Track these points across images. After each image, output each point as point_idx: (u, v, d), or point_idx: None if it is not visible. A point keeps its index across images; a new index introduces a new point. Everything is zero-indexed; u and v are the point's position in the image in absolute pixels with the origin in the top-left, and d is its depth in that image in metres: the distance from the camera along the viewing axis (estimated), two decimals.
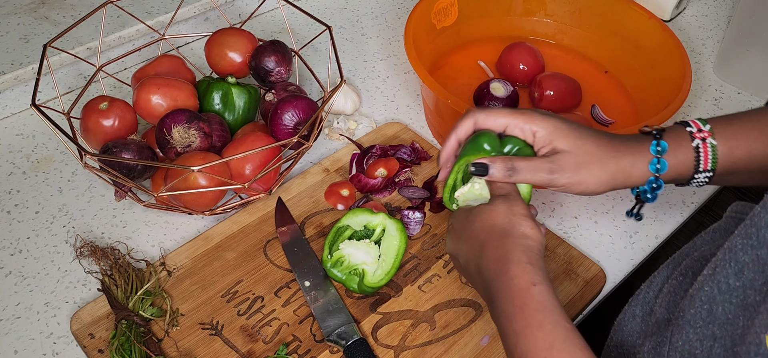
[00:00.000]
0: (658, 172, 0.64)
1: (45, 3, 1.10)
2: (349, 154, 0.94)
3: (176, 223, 0.86)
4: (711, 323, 0.54)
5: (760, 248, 0.52)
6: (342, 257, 0.78)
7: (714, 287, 0.54)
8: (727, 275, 0.53)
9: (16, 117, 1.00)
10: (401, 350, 0.73)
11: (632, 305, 0.70)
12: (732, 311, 0.52)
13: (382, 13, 1.27)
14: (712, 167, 0.64)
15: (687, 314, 0.56)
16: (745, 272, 0.52)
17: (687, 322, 0.56)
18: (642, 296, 0.70)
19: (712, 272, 0.55)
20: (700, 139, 0.64)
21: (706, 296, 0.55)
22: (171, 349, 0.72)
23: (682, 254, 0.70)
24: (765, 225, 0.52)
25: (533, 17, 1.16)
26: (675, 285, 0.65)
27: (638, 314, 0.69)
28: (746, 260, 0.52)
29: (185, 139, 0.82)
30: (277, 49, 0.93)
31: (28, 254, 0.82)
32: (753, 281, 0.52)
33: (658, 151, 0.64)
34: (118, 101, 0.86)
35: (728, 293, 0.53)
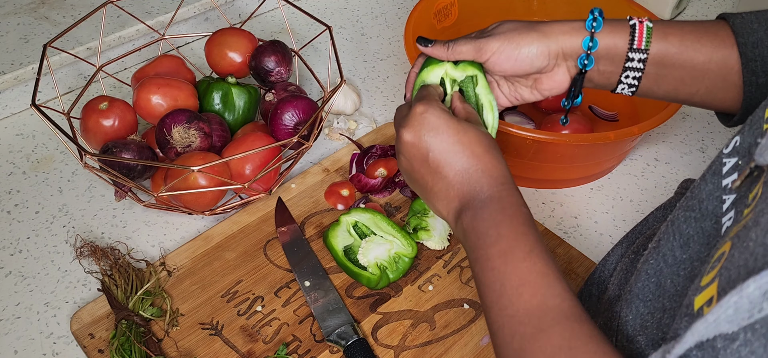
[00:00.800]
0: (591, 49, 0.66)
1: (45, 3, 1.10)
2: (349, 154, 0.94)
3: (176, 223, 0.86)
4: (660, 296, 0.54)
5: (703, 220, 0.52)
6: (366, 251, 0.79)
7: (659, 260, 0.55)
8: (673, 247, 0.54)
9: (16, 117, 1.00)
10: (401, 350, 0.73)
11: (588, 284, 0.71)
12: (680, 283, 0.53)
13: (382, 13, 1.27)
14: (645, 46, 0.65)
15: (634, 288, 0.57)
16: (690, 244, 0.53)
17: (635, 295, 0.56)
18: (597, 275, 0.70)
19: (657, 246, 0.56)
20: (637, 20, 0.66)
21: (653, 269, 0.55)
22: (171, 349, 0.72)
23: (635, 232, 0.71)
24: (706, 196, 0.52)
25: (533, 17, 1.16)
26: (627, 263, 0.65)
27: (594, 293, 0.70)
28: (691, 233, 0.53)
29: (185, 139, 0.82)
30: (277, 49, 0.93)
31: (28, 254, 0.82)
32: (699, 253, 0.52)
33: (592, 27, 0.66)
34: (118, 101, 0.86)
35: (675, 266, 0.54)
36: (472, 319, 0.76)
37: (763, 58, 0.62)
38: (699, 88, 0.66)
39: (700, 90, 0.66)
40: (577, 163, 0.92)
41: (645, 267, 0.56)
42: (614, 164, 0.98)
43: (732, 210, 0.49)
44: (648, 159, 1.01)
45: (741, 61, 0.63)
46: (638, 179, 0.98)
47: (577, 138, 0.87)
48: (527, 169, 0.92)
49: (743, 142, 0.51)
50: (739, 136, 0.52)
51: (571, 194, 0.95)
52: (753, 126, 0.51)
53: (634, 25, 0.66)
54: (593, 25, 0.66)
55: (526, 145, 0.87)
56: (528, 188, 0.95)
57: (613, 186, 0.97)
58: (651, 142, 1.04)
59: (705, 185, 0.53)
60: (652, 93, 0.69)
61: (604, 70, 0.68)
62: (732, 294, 0.37)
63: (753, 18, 0.63)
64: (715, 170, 0.53)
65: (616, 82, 0.68)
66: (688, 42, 0.65)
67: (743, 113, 0.65)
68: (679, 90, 0.68)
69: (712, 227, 0.52)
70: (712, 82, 0.65)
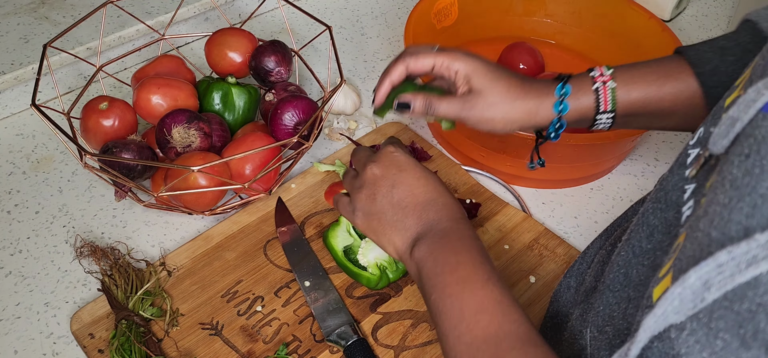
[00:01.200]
0: (561, 113, 0.70)
1: (45, 3, 1.10)
2: (348, 155, 0.94)
3: (176, 223, 0.86)
4: (627, 285, 0.55)
5: (667, 210, 0.53)
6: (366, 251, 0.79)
7: (629, 252, 0.56)
8: (640, 238, 0.56)
9: (16, 117, 1.00)
10: (401, 350, 0.73)
11: (567, 276, 0.73)
12: (644, 273, 0.54)
13: (382, 13, 1.27)
14: (612, 108, 0.69)
15: (607, 279, 0.58)
16: (654, 234, 0.54)
17: (607, 286, 0.58)
18: (576, 267, 0.72)
19: (628, 237, 0.57)
20: (601, 82, 0.69)
21: (623, 261, 0.57)
22: (171, 349, 0.72)
23: (614, 225, 0.72)
24: (672, 187, 0.53)
25: (533, 17, 1.16)
26: (604, 255, 0.67)
27: (573, 285, 0.72)
28: (656, 223, 0.54)
29: (185, 139, 0.82)
30: (277, 49, 0.93)
31: (28, 254, 0.82)
32: (661, 243, 0.53)
33: (562, 94, 0.69)
34: (118, 101, 0.86)
35: (641, 256, 0.55)
36: None
37: (723, 84, 0.64)
38: (668, 122, 0.71)
39: (671, 123, 0.71)
40: (576, 163, 0.92)
41: (617, 258, 0.58)
42: (614, 164, 0.98)
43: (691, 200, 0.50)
44: (648, 159, 1.01)
45: (703, 90, 0.66)
46: (638, 179, 0.98)
47: (577, 138, 0.87)
48: (527, 170, 0.92)
49: (705, 133, 0.52)
50: (703, 127, 0.53)
51: (571, 193, 0.95)
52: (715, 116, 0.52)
53: (597, 89, 0.69)
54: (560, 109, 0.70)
55: (526, 146, 0.87)
56: (528, 188, 0.95)
57: (613, 186, 0.97)
58: (651, 143, 1.04)
59: (671, 177, 0.54)
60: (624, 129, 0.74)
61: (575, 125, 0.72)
62: (676, 285, 0.38)
63: (706, 48, 0.67)
64: (681, 161, 0.54)
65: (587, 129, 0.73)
66: (652, 90, 0.68)
67: None
68: (651, 125, 0.73)
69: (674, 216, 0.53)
70: (681, 115, 0.69)
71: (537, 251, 0.84)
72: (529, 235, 0.86)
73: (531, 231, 0.87)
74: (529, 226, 0.87)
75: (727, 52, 0.65)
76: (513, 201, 0.93)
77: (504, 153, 0.91)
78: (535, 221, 0.88)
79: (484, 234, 0.86)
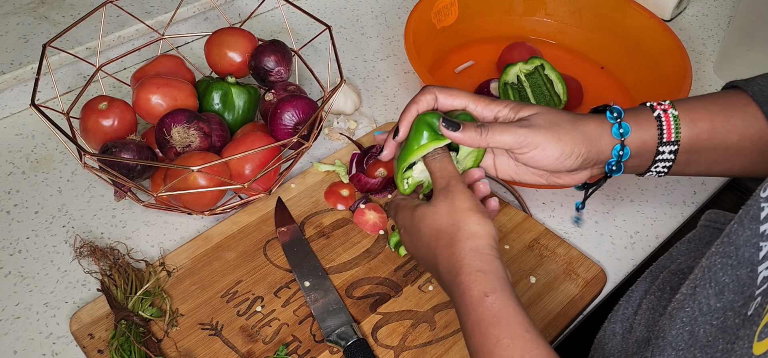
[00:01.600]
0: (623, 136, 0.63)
1: (44, 3, 1.10)
2: (349, 154, 0.94)
3: (176, 223, 0.86)
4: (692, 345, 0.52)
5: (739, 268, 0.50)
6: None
7: (695, 308, 0.53)
8: (708, 295, 0.52)
9: (15, 117, 1.00)
10: (401, 350, 0.73)
11: (612, 322, 0.68)
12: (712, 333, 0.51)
13: (382, 13, 1.27)
14: (675, 138, 0.62)
15: (668, 335, 0.54)
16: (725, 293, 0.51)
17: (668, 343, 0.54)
18: (621, 312, 0.68)
19: (693, 292, 0.54)
20: (662, 110, 0.63)
21: (688, 317, 0.53)
22: (170, 349, 0.72)
23: (659, 266, 0.68)
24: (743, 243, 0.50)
25: (533, 17, 1.16)
26: (654, 301, 0.63)
27: (618, 332, 0.67)
28: (727, 281, 0.51)
29: (185, 139, 0.82)
30: (276, 48, 0.93)
31: (27, 254, 0.82)
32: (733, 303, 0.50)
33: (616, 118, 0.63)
34: (118, 101, 0.86)
35: (709, 315, 0.52)
36: None
37: None
38: (734, 164, 0.64)
39: (736, 165, 0.64)
40: None
41: (680, 314, 0.54)
42: None
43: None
44: None
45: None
46: (638, 179, 0.98)
47: None
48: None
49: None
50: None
51: (571, 194, 0.95)
52: None
53: (659, 116, 0.63)
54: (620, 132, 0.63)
55: None
56: (528, 188, 0.95)
57: (613, 186, 0.97)
58: None
59: (742, 231, 0.51)
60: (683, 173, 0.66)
61: (633, 165, 0.65)
62: None
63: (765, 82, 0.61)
64: (753, 215, 0.50)
65: (645, 171, 0.66)
66: (718, 123, 0.62)
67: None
68: (712, 169, 0.65)
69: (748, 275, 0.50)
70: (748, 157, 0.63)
71: (537, 252, 0.84)
72: (529, 235, 0.86)
73: (531, 231, 0.86)
74: (530, 226, 0.87)
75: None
76: (513, 201, 0.93)
77: None
78: (536, 221, 0.88)
79: None
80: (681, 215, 0.93)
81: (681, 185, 0.97)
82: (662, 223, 0.92)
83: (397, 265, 0.81)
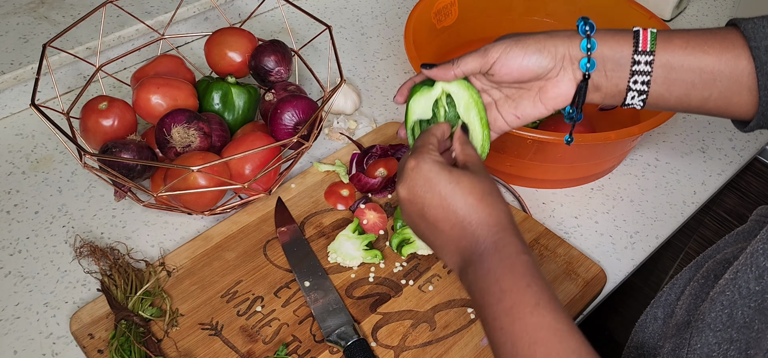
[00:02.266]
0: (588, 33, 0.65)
1: (44, 3, 1.10)
2: (349, 154, 0.94)
3: (176, 223, 0.86)
4: (730, 326, 0.54)
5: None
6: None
7: (735, 292, 0.54)
8: (748, 279, 0.54)
9: (15, 117, 1.00)
10: (401, 350, 0.73)
11: (654, 306, 0.70)
12: (749, 315, 0.53)
13: (382, 13, 1.27)
14: (651, 48, 0.64)
15: (707, 317, 0.56)
16: (764, 276, 0.52)
17: (707, 325, 0.56)
18: (664, 298, 0.70)
19: (734, 277, 0.55)
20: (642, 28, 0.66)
21: (728, 300, 0.55)
22: (170, 349, 0.72)
23: (705, 256, 0.70)
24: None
25: (533, 17, 1.16)
26: (697, 288, 0.65)
27: (660, 317, 0.69)
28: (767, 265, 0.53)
29: (185, 139, 0.82)
30: (276, 48, 0.93)
31: (27, 254, 0.82)
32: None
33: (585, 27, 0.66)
34: (118, 101, 0.86)
35: (748, 298, 0.53)
36: (472, 319, 0.76)
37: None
38: (711, 92, 0.65)
39: (713, 95, 0.65)
40: (577, 163, 0.92)
41: (720, 298, 0.56)
42: (614, 164, 0.98)
43: None
44: (648, 159, 1.01)
45: (755, 65, 0.62)
46: (639, 179, 0.98)
47: (577, 138, 0.87)
48: (527, 169, 0.92)
49: None
50: None
51: (571, 193, 0.95)
52: None
53: (637, 32, 0.65)
54: (586, 29, 0.66)
55: (526, 145, 0.87)
56: (528, 188, 0.95)
57: (613, 186, 0.97)
58: (651, 142, 1.04)
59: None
60: (664, 100, 0.67)
61: (612, 76, 0.66)
62: None
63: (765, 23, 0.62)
64: None
65: (625, 89, 0.67)
66: (692, 46, 0.64)
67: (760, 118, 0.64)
68: (691, 95, 0.66)
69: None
70: (724, 86, 0.64)
71: (537, 252, 0.84)
72: (529, 235, 0.86)
73: (531, 231, 0.86)
74: (529, 226, 0.87)
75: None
76: (513, 201, 0.93)
77: (504, 153, 0.91)
78: (536, 221, 0.88)
79: None
80: (681, 215, 0.93)
81: (681, 185, 0.97)
82: (662, 223, 0.92)
83: (398, 265, 0.81)
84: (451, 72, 0.68)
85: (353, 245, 0.81)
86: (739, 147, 1.04)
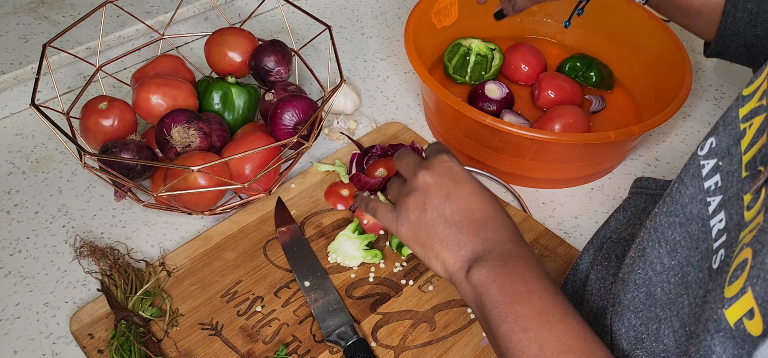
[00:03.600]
0: None
1: (44, 3, 1.10)
2: (349, 154, 0.94)
3: (176, 223, 0.86)
4: (652, 305, 0.53)
5: (689, 224, 0.51)
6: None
7: (647, 269, 0.54)
8: (660, 254, 0.53)
9: (15, 117, 1.00)
10: (401, 350, 0.73)
11: None
12: (672, 291, 0.52)
13: (382, 13, 1.27)
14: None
15: (624, 299, 0.55)
16: (678, 250, 0.52)
17: (625, 307, 0.55)
18: (569, 287, 0.68)
19: (641, 254, 0.54)
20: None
21: (641, 279, 0.54)
22: (170, 349, 0.72)
23: (599, 237, 0.69)
24: (689, 200, 0.51)
25: (533, 17, 1.16)
26: (601, 271, 0.63)
27: None
28: (677, 238, 0.52)
29: (185, 139, 0.82)
30: (276, 48, 0.93)
31: (27, 254, 0.82)
32: (689, 258, 0.51)
33: None
34: (118, 101, 0.86)
35: (664, 274, 0.52)
36: (472, 319, 0.76)
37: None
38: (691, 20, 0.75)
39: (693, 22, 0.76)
40: (577, 163, 0.92)
41: (632, 277, 0.55)
42: (614, 164, 0.98)
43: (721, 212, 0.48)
44: (648, 159, 1.01)
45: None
46: None
47: (577, 138, 0.87)
48: (527, 169, 0.92)
49: (720, 144, 0.51)
50: (714, 138, 0.52)
51: (571, 193, 0.95)
52: (727, 127, 0.51)
53: None
54: None
55: (526, 146, 0.87)
56: (528, 188, 0.95)
57: (613, 186, 0.97)
58: (651, 142, 1.04)
59: (685, 189, 0.52)
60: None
61: None
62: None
63: None
64: (694, 173, 0.52)
65: None
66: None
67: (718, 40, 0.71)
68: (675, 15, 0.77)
69: (700, 230, 0.51)
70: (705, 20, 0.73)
71: (537, 251, 0.84)
72: (529, 235, 0.86)
73: (531, 231, 0.86)
74: (529, 226, 0.87)
75: None
76: (513, 201, 0.93)
77: (504, 153, 0.91)
78: (536, 221, 0.88)
79: None
80: None
81: None
82: None
83: (398, 265, 0.81)
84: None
85: (353, 245, 0.81)
86: None
